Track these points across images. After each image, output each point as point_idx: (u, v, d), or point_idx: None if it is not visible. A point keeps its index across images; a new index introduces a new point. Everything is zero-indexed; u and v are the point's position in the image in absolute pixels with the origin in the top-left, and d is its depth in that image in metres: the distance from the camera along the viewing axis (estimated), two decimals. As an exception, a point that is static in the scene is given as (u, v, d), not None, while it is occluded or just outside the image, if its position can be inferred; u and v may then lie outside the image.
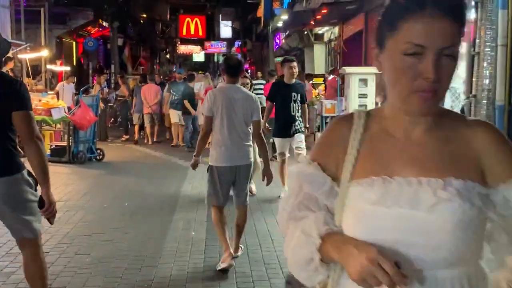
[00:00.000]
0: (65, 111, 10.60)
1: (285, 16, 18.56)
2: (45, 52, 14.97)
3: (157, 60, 45.37)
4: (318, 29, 20.73)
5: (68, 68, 18.19)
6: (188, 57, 52.96)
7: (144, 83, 14.42)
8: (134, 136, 14.08)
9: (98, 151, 10.94)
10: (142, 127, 14.32)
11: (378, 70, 1.33)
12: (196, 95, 12.68)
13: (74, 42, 25.06)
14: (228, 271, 4.63)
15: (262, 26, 24.84)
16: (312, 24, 17.47)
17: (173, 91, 13.23)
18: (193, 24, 43.32)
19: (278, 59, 29.71)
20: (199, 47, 49.17)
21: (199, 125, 11.78)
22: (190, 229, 5.99)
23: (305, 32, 19.51)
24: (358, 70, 11.25)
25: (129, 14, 28.60)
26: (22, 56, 13.60)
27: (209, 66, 56.63)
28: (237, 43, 48.84)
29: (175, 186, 8.38)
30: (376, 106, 4.47)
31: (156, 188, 8.33)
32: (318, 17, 15.51)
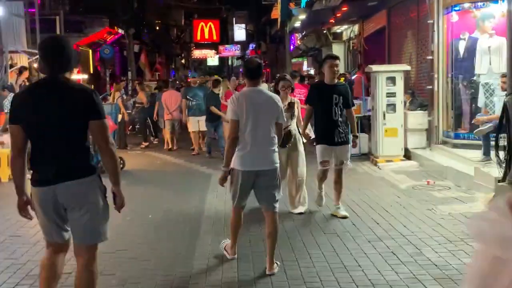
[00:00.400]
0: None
1: (303, 16, 18.17)
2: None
3: (173, 66, 45.23)
4: (337, 28, 20.32)
5: (85, 76, 17.98)
6: (203, 61, 52.89)
7: (166, 88, 14.22)
8: (167, 143, 13.86)
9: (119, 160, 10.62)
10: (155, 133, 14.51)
11: None
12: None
13: (90, 50, 24.93)
14: None
15: (278, 27, 24.40)
16: (332, 22, 17.08)
17: (190, 97, 12.59)
18: (207, 29, 43.26)
19: (294, 60, 29.46)
20: (213, 51, 49.12)
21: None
22: (219, 243, 5.61)
23: (324, 31, 19.05)
24: (385, 68, 10.83)
25: (144, 20, 28.46)
26: (38, 65, 13.37)
27: (223, 69, 56.52)
28: (251, 45, 48.61)
29: (199, 196, 8.02)
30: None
31: (179, 198, 7.98)
32: (338, 15, 15.12)
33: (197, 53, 48.95)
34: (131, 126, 17.90)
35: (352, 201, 7.19)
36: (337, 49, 21.39)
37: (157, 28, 33.27)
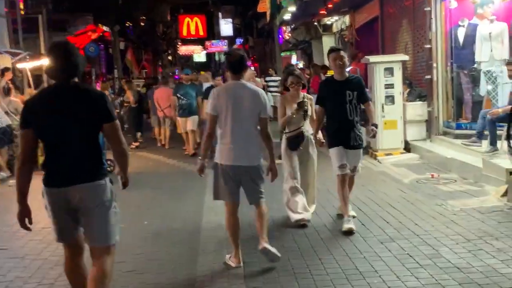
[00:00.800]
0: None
1: (292, 8, 17.77)
2: (46, 61, 14.26)
3: (160, 63, 44.67)
4: (327, 19, 19.94)
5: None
6: (190, 57, 52.34)
7: (155, 85, 14.00)
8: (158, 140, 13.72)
9: (108, 162, 10.13)
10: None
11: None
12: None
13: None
14: None
15: (267, 20, 23.98)
16: (322, 14, 16.71)
17: (180, 95, 11.76)
18: (193, 24, 42.82)
19: (282, 53, 29.07)
20: (200, 47, 48.65)
21: None
22: (222, 250, 5.24)
23: (315, 23, 18.68)
24: (382, 58, 10.49)
25: (130, 17, 27.92)
26: (21, 65, 12.92)
27: (210, 65, 55.97)
28: (239, 40, 48.12)
29: (196, 198, 7.64)
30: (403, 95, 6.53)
31: (175, 202, 7.61)
32: (330, 5, 14.75)
33: (183, 49, 48.44)
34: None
35: (357, 198, 6.84)
36: (328, 41, 21.03)
37: (142, 24, 32.71)
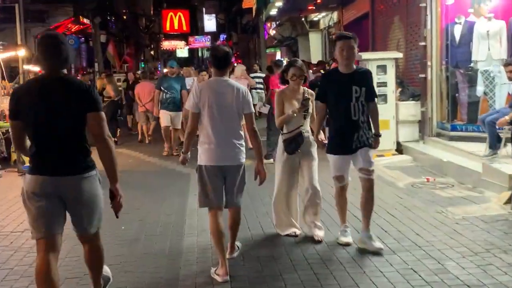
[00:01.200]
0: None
1: (279, 3, 17.32)
2: (21, 52, 13.65)
3: (142, 57, 43.92)
4: (314, 16, 19.55)
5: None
6: (172, 53, 51.66)
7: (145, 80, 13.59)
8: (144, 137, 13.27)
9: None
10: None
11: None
12: (190, 91, 11.36)
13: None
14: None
15: (253, 15, 23.49)
16: (310, 9, 16.29)
17: (164, 88, 11.08)
18: (176, 19, 42.24)
19: (267, 50, 28.62)
20: (183, 42, 48.09)
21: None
22: (207, 260, 4.77)
23: (302, 19, 18.25)
24: (375, 55, 10.07)
25: (111, 9, 27.18)
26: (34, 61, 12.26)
27: (193, 61, 55.30)
28: (222, 36, 47.62)
29: (179, 200, 7.15)
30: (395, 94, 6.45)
31: (156, 203, 7.09)
32: (318, 1, 14.31)
33: (166, 44, 47.80)
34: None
35: (351, 204, 6.37)
36: (314, 38, 20.69)
37: (125, 17, 31.95)
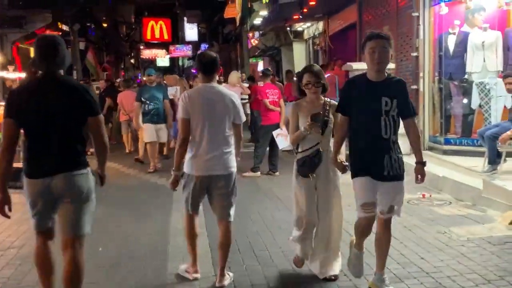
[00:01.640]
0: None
1: (264, 12, 16.97)
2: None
3: (122, 66, 43.29)
4: (298, 26, 19.26)
5: (23, 75, 16.21)
6: (153, 61, 51.13)
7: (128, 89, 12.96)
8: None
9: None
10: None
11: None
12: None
13: (31, 48, 23.00)
14: None
15: (237, 24, 23.14)
16: (295, 19, 15.96)
17: (146, 99, 10.01)
18: (157, 27, 41.84)
19: (253, 59, 28.29)
20: (164, 51, 47.61)
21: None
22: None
23: (288, 28, 17.93)
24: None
25: (91, 16, 26.60)
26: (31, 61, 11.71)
27: (174, 70, 54.71)
28: (204, 46, 47.21)
29: (161, 217, 6.67)
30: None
31: (137, 222, 6.60)
32: (305, 10, 13.99)
33: (147, 53, 47.27)
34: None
35: (346, 223, 5.96)
36: (299, 48, 20.42)
37: (105, 25, 31.35)
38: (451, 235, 5.55)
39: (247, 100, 13.87)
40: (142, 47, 45.82)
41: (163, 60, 51.18)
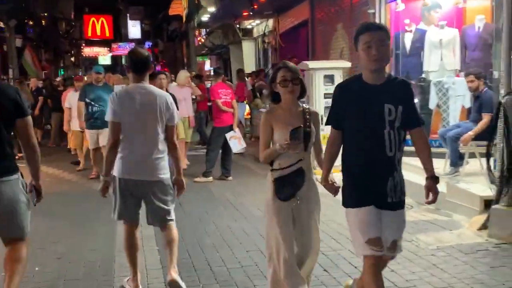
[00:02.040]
0: None
1: (212, 8, 16.45)
2: None
3: (62, 64, 41.70)
4: (248, 23, 18.86)
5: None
6: (94, 60, 49.70)
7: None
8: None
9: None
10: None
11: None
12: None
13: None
14: None
15: (184, 21, 22.50)
16: (245, 16, 15.53)
17: (91, 100, 8.97)
18: (99, 25, 40.74)
19: (200, 58, 27.73)
20: (106, 49, 46.37)
21: None
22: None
23: (237, 25, 17.47)
24: (323, 64, 9.38)
25: (29, 11, 25.30)
26: None
27: (116, 69, 53.36)
28: (148, 44, 46.16)
29: (106, 230, 6.01)
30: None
31: (78, 235, 5.97)
32: (255, 6, 13.58)
33: (88, 51, 45.90)
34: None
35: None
36: (248, 46, 20.03)
37: (43, 21, 29.96)
38: (419, 243, 5.23)
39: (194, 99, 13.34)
40: (83, 44, 44.39)
41: (104, 58, 49.79)
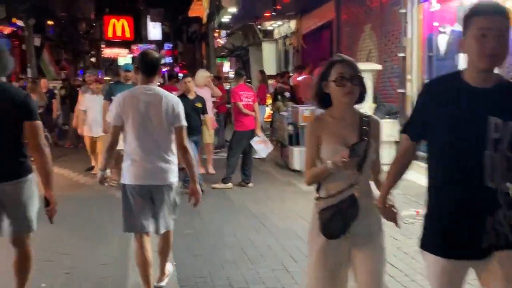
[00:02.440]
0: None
1: (233, 9, 16.04)
2: None
3: (82, 64, 41.70)
4: (268, 24, 18.44)
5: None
6: (114, 61, 49.80)
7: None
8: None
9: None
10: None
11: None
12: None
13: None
14: None
15: (204, 21, 22.17)
16: (267, 17, 15.10)
17: None
18: (119, 26, 40.69)
19: (218, 59, 27.39)
20: (126, 50, 46.35)
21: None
22: None
23: (259, 26, 17.05)
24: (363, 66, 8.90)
25: (48, 10, 25.20)
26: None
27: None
28: (167, 45, 46.06)
29: (119, 241, 5.55)
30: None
31: (89, 247, 5.55)
32: (278, 7, 13.14)
33: (108, 52, 45.87)
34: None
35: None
36: (268, 48, 19.61)
37: (63, 21, 29.90)
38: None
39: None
40: (103, 45, 44.40)
41: (124, 59, 49.75)
